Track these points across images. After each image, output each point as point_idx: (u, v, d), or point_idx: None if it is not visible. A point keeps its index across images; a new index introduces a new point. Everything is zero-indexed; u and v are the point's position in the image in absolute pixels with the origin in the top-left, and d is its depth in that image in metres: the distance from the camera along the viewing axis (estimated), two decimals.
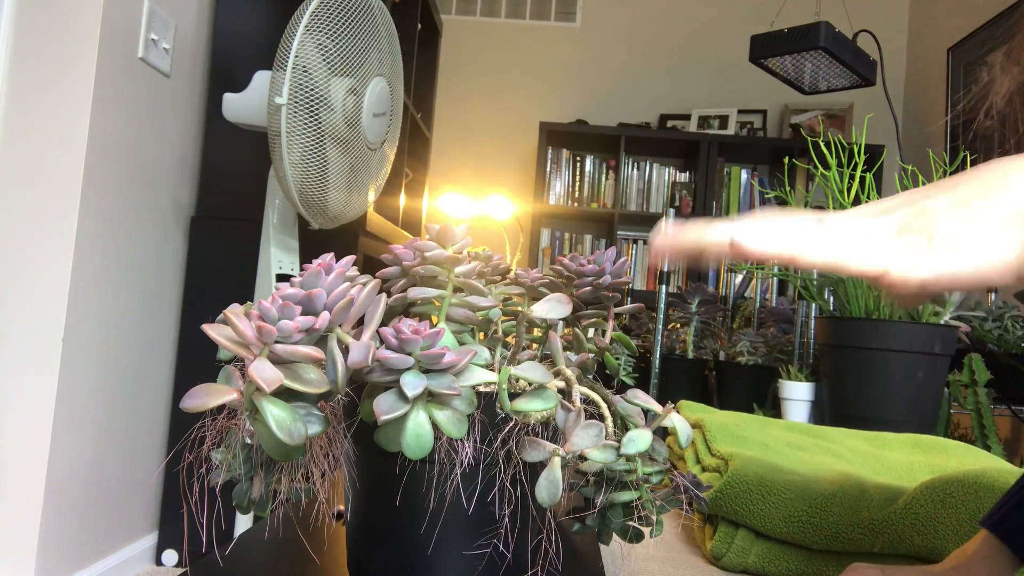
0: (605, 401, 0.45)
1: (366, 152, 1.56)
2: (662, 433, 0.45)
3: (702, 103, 3.76)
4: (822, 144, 1.45)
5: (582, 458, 0.40)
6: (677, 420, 0.44)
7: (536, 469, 0.46)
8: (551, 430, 0.45)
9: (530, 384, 0.43)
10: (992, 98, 2.92)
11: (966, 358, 1.48)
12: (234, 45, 2.01)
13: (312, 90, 1.37)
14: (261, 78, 1.49)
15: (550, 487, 0.39)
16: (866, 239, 0.37)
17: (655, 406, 0.43)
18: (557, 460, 0.40)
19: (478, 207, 3.48)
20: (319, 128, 1.40)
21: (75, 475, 1.65)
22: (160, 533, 1.96)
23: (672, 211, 1.97)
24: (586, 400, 0.45)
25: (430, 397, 0.40)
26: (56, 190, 1.58)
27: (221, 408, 0.41)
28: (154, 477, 1.95)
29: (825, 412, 1.60)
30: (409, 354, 0.39)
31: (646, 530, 0.48)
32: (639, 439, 0.41)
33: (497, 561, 0.46)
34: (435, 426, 0.39)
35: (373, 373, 0.40)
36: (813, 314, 1.71)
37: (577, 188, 3.67)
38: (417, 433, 0.39)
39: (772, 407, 1.82)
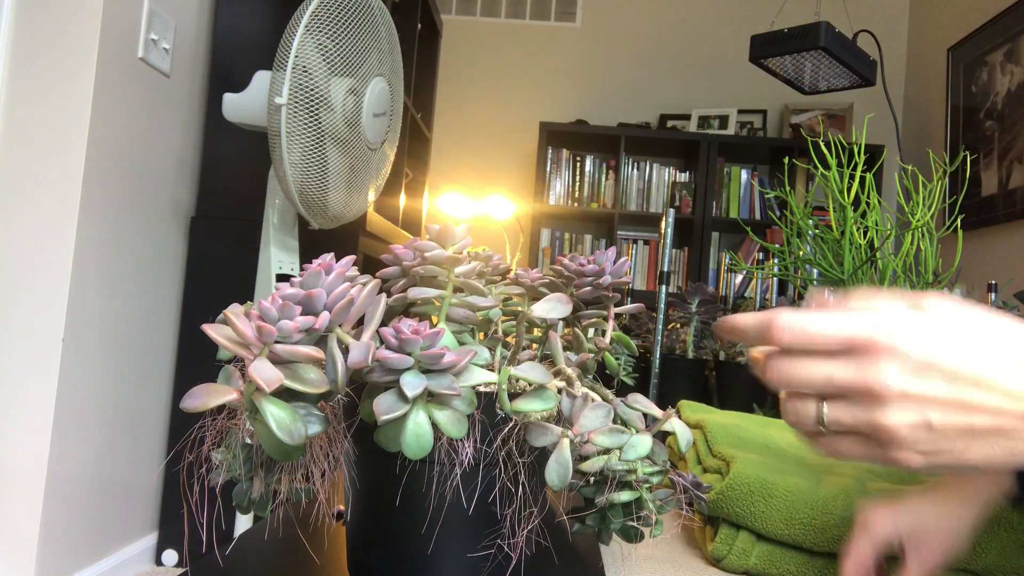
0: (606, 401, 0.45)
1: (366, 152, 1.56)
2: (662, 436, 0.45)
3: (702, 103, 3.76)
4: (822, 144, 1.45)
5: (590, 443, 0.40)
6: (677, 425, 0.43)
7: (536, 468, 0.46)
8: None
9: (530, 384, 0.43)
10: (992, 98, 2.92)
11: None
12: (234, 45, 2.01)
13: (312, 90, 1.37)
14: (261, 78, 1.49)
15: (560, 469, 0.39)
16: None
17: (655, 411, 0.43)
18: (566, 442, 0.40)
19: (478, 207, 3.48)
20: (319, 128, 1.40)
21: (75, 475, 1.64)
22: (160, 533, 1.96)
23: (672, 211, 1.97)
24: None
25: (430, 397, 0.40)
26: (56, 190, 1.58)
27: (221, 408, 0.41)
28: (154, 477, 1.95)
29: None
30: (409, 354, 0.39)
31: (646, 530, 0.48)
32: (639, 444, 0.41)
33: (497, 561, 0.45)
34: (435, 426, 0.39)
35: (373, 373, 0.40)
36: None
37: (577, 188, 3.67)
38: (417, 433, 0.38)
39: (772, 407, 1.82)
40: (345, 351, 0.40)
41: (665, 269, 1.87)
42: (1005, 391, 0.31)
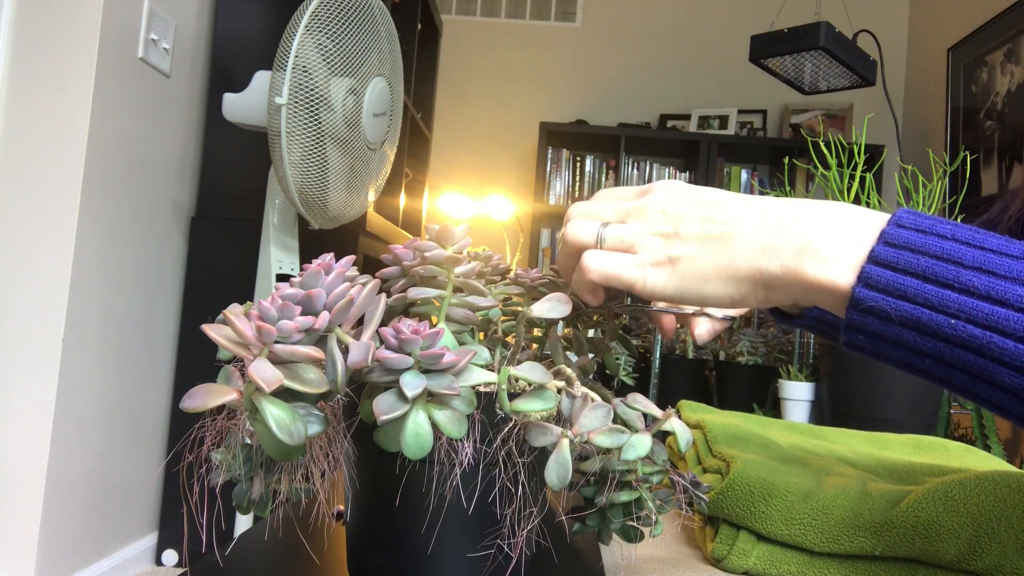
0: (606, 401, 0.45)
1: (366, 152, 1.56)
2: (662, 436, 0.45)
3: (702, 103, 3.76)
4: (822, 144, 1.45)
5: (590, 443, 0.40)
6: (677, 425, 0.43)
7: (535, 468, 0.46)
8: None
9: (530, 384, 0.43)
10: (992, 98, 2.92)
11: None
12: (234, 45, 2.01)
13: (312, 90, 1.37)
14: (261, 78, 1.49)
15: (559, 469, 0.39)
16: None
17: (655, 411, 0.43)
18: (566, 442, 0.40)
19: (478, 207, 3.48)
20: (319, 128, 1.40)
21: (75, 475, 1.64)
22: (160, 533, 1.96)
23: None
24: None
25: (430, 397, 0.40)
26: (56, 190, 1.58)
27: (221, 408, 0.41)
28: (154, 477, 1.95)
29: (825, 412, 1.60)
30: (409, 354, 0.39)
31: (646, 530, 0.48)
32: (639, 444, 0.40)
33: (497, 561, 0.46)
34: (435, 426, 0.39)
35: (373, 373, 0.40)
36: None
37: (577, 188, 3.67)
38: (416, 433, 0.38)
39: (772, 407, 1.82)
40: (345, 351, 0.40)
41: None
42: (735, 209, 0.44)
